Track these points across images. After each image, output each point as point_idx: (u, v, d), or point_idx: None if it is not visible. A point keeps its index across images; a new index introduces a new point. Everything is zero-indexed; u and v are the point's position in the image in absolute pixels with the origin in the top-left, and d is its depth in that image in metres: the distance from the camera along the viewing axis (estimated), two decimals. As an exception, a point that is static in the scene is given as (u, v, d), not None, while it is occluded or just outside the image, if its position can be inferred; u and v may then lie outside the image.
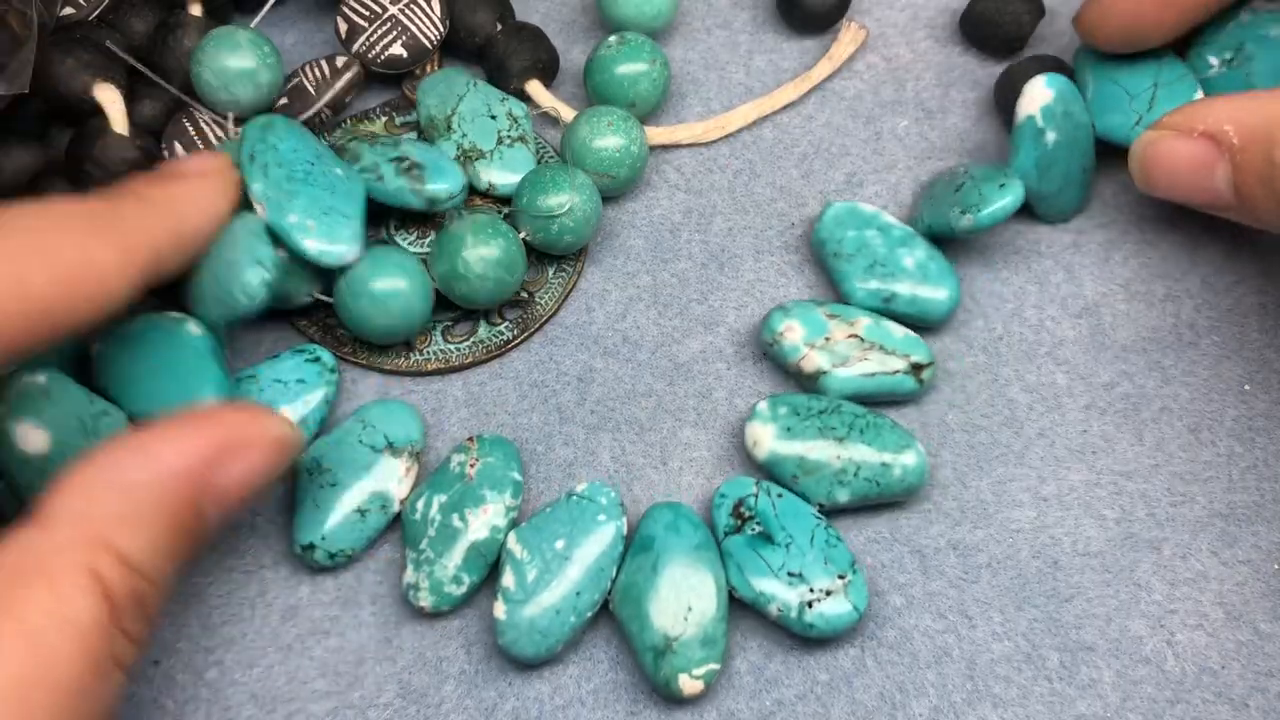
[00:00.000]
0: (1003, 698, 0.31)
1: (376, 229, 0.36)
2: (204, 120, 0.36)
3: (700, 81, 0.39)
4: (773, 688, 0.31)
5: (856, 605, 0.31)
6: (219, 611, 0.32)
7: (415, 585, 0.31)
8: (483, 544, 0.31)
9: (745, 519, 0.32)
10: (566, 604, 0.31)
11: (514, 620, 0.30)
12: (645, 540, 0.31)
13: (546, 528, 0.31)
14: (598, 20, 0.40)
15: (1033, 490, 0.33)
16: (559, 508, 0.32)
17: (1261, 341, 0.35)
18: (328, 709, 0.31)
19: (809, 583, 0.31)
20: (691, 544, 0.31)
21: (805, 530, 0.32)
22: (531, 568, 0.31)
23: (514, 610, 0.30)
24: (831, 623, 0.31)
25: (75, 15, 0.37)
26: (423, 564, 0.31)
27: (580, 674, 0.31)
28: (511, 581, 0.31)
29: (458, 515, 0.31)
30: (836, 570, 0.31)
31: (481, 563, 0.31)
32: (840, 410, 0.33)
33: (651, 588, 0.31)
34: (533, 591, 0.31)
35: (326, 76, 0.37)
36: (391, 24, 0.37)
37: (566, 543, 0.31)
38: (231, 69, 0.35)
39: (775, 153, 0.38)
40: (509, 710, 0.31)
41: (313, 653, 0.31)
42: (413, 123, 0.38)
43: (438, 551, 0.31)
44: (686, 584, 0.31)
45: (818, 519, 0.32)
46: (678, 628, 0.30)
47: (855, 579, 0.31)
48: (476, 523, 0.31)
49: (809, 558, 0.31)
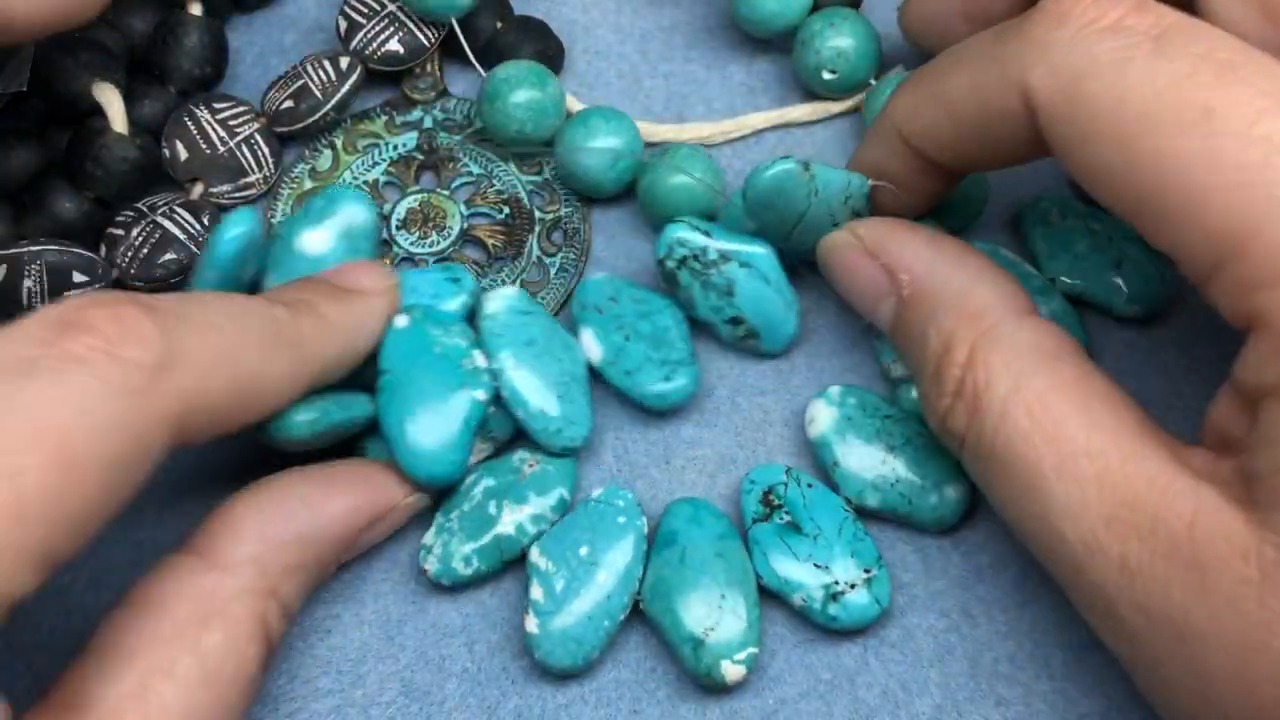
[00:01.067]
0: (1006, 696, 0.31)
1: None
2: (204, 119, 0.36)
3: (702, 82, 0.39)
4: (775, 686, 0.31)
5: (879, 600, 0.31)
6: (221, 610, 0.32)
7: (429, 549, 0.31)
8: (506, 540, 0.31)
9: (774, 507, 0.32)
10: (599, 609, 0.31)
11: (548, 632, 0.30)
12: (668, 536, 0.32)
13: (568, 536, 0.31)
14: (596, 19, 0.40)
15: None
16: (578, 514, 0.32)
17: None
18: (330, 707, 0.31)
19: (834, 574, 0.31)
20: (715, 534, 0.31)
21: (834, 523, 0.32)
22: (558, 578, 0.31)
23: (546, 622, 0.30)
24: (854, 615, 0.31)
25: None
26: (443, 532, 0.32)
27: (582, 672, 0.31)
28: (540, 594, 0.31)
29: (495, 503, 0.32)
30: (862, 565, 0.31)
31: (497, 556, 0.31)
32: (906, 422, 0.33)
33: (682, 581, 0.31)
34: (563, 601, 0.31)
35: (332, 79, 0.37)
36: (389, 20, 0.37)
37: (590, 549, 0.31)
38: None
39: (776, 155, 0.38)
40: (511, 708, 0.31)
41: (315, 650, 0.31)
42: (414, 122, 0.38)
43: (462, 527, 0.31)
44: (716, 573, 0.31)
45: (846, 512, 0.32)
46: (713, 616, 0.30)
47: (880, 574, 0.31)
48: (509, 518, 0.31)
49: (836, 550, 0.31)
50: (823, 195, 0.32)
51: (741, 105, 0.39)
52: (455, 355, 0.32)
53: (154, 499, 0.33)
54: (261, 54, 0.39)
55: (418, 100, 0.38)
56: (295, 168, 0.37)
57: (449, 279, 0.33)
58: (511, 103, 0.36)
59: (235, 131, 0.36)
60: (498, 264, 0.36)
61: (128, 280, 0.35)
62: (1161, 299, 0.34)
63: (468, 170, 0.37)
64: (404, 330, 0.32)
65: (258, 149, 0.36)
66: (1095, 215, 0.35)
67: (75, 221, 0.35)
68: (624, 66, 0.39)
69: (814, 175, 0.32)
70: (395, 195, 0.37)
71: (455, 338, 0.32)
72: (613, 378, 0.33)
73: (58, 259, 0.34)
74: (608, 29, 0.40)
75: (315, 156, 0.37)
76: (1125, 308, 0.34)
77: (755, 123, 0.38)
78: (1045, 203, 0.36)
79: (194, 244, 0.35)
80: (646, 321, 0.34)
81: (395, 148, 0.37)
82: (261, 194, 0.37)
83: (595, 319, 0.34)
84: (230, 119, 0.36)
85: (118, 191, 0.35)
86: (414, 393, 0.31)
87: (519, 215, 0.37)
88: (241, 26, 0.39)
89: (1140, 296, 0.34)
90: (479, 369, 0.32)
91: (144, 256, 0.35)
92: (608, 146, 0.35)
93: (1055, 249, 0.35)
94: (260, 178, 0.36)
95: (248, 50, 0.39)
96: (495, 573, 0.32)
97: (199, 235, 0.35)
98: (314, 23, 0.40)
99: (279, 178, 0.37)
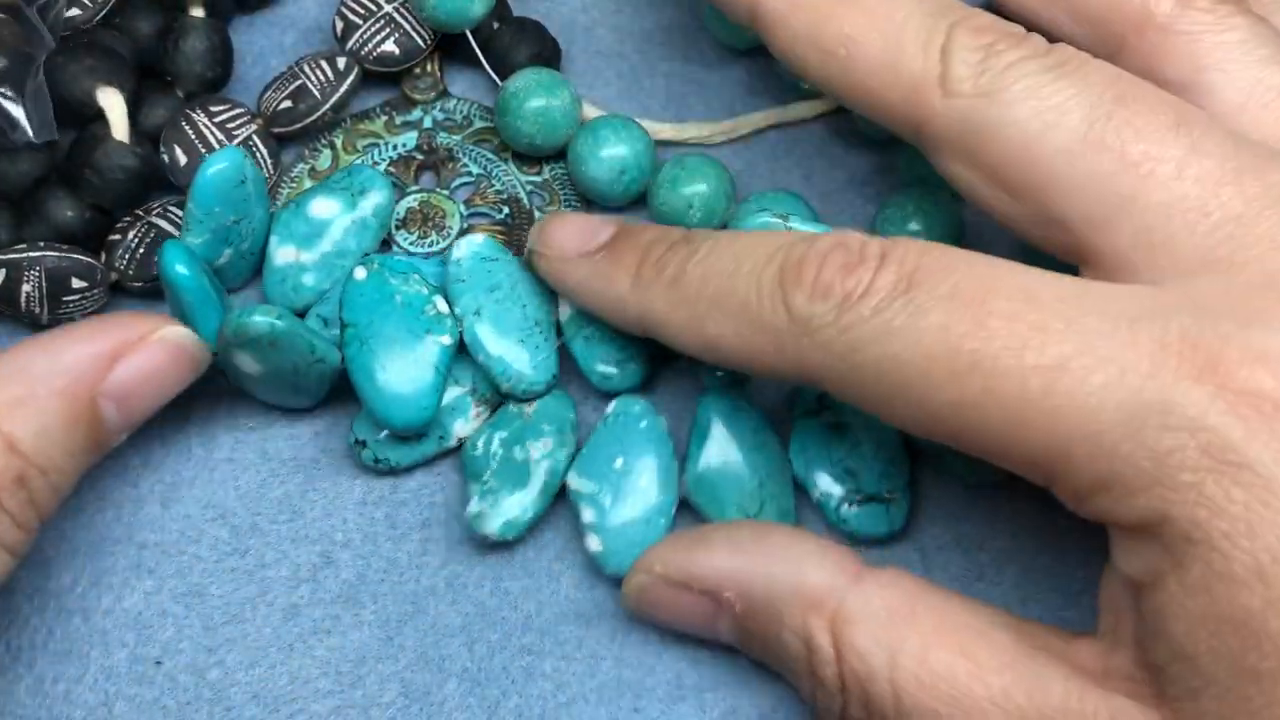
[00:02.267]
0: (1006, 695, 0.31)
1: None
2: (202, 123, 0.36)
3: (702, 82, 0.39)
4: (775, 682, 0.31)
5: (893, 524, 0.32)
6: (220, 611, 0.32)
7: (480, 515, 0.32)
8: (548, 474, 0.32)
9: (825, 406, 0.33)
10: (651, 512, 0.32)
11: (611, 547, 0.32)
12: (707, 426, 0.33)
13: (599, 455, 0.32)
14: (596, 18, 0.40)
15: (1034, 488, 0.33)
16: (600, 433, 0.33)
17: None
18: (330, 708, 0.31)
19: (858, 483, 0.32)
20: (753, 425, 0.33)
21: (878, 440, 0.32)
22: (604, 495, 0.32)
23: (607, 538, 0.32)
24: (864, 526, 0.32)
25: (82, 16, 0.37)
26: (487, 494, 0.32)
27: (584, 671, 0.31)
28: (591, 515, 0.32)
29: (519, 447, 0.32)
30: (888, 485, 0.32)
31: (546, 491, 0.32)
32: None
33: (723, 470, 0.32)
34: (615, 515, 0.32)
35: (330, 79, 0.37)
36: (385, 21, 0.37)
37: (624, 459, 0.32)
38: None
39: (776, 153, 0.38)
40: (512, 707, 0.31)
41: (314, 652, 0.32)
42: (413, 122, 0.38)
43: (502, 481, 0.32)
44: (756, 463, 0.32)
45: (896, 435, 0.33)
46: (755, 504, 0.32)
47: (901, 502, 0.32)
48: (538, 454, 0.32)
49: (868, 464, 0.32)
50: None
51: (741, 105, 0.39)
52: (417, 302, 0.33)
53: (155, 499, 0.33)
54: (262, 54, 0.39)
55: (417, 100, 0.38)
56: (295, 168, 0.37)
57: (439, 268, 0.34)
58: (523, 113, 0.36)
59: (233, 134, 0.36)
60: (497, 264, 0.36)
61: (127, 283, 0.35)
62: None
63: (467, 170, 0.37)
64: (363, 282, 0.33)
65: (256, 150, 0.36)
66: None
67: (76, 228, 0.35)
68: (624, 66, 0.39)
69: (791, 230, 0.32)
70: (395, 195, 0.37)
71: (415, 285, 0.33)
72: (570, 337, 0.33)
73: (56, 264, 0.34)
74: (608, 29, 0.40)
75: (315, 156, 0.37)
76: None
77: (755, 122, 0.38)
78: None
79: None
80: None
81: (395, 148, 0.37)
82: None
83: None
84: (228, 121, 0.36)
85: (116, 200, 0.35)
86: (380, 342, 0.32)
87: (519, 215, 0.37)
88: (242, 27, 0.39)
89: None
90: (441, 314, 0.33)
91: (140, 257, 0.35)
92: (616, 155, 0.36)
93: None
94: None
95: (248, 50, 0.39)
96: (549, 510, 0.33)
97: None
98: (314, 23, 0.40)
99: (278, 178, 0.37)
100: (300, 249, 0.35)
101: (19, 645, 0.32)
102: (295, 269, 0.35)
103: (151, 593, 0.32)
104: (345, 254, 0.35)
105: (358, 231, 0.35)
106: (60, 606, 0.32)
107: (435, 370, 0.32)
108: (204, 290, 0.32)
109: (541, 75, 0.36)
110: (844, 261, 0.27)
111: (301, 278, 0.35)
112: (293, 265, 0.35)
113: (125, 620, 0.32)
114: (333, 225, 0.35)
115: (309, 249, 0.35)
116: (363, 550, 0.33)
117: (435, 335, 0.33)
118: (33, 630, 0.32)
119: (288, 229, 0.35)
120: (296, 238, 0.35)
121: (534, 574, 0.33)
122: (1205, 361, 0.24)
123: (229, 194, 0.33)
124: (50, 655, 0.32)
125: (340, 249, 0.35)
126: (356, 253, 0.35)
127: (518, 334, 0.33)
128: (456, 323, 0.33)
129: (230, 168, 0.33)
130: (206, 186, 0.33)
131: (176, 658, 0.31)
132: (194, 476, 0.33)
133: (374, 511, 0.33)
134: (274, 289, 0.35)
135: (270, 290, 0.35)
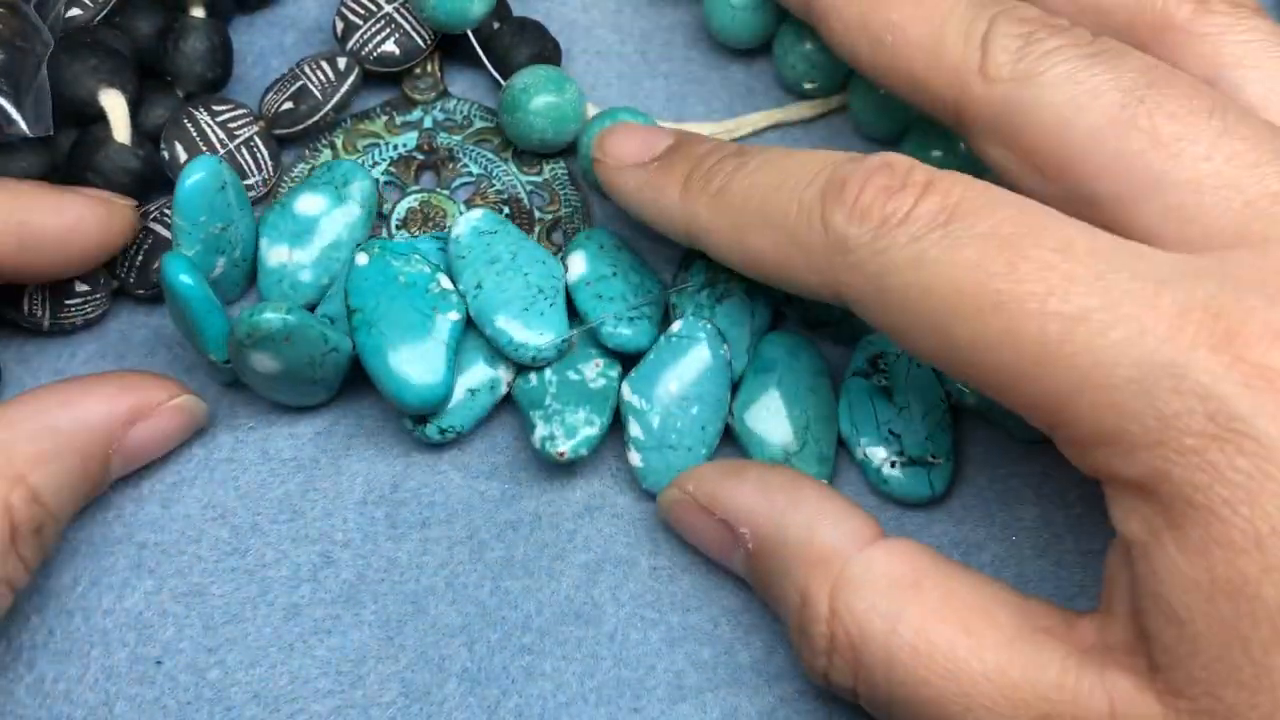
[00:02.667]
0: (1006, 694, 0.31)
1: (376, 227, 0.36)
2: (204, 122, 0.36)
3: (702, 81, 0.39)
4: (775, 684, 0.31)
5: (934, 486, 0.32)
6: (221, 611, 0.32)
7: (550, 436, 0.32)
8: (603, 390, 0.33)
9: (877, 370, 0.33)
10: (695, 439, 0.33)
11: (652, 465, 0.33)
12: (768, 363, 0.33)
13: (655, 374, 0.33)
14: (596, 18, 0.40)
15: (1035, 488, 0.33)
16: (661, 350, 0.33)
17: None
18: (331, 708, 0.31)
19: (902, 446, 0.32)
20: (812, 369, 0.33)
21: (925, 405, 0.33)
22: (654, 414, 0.32)
23: (650, 456, 0.33)
24: (905, 488, 0.32)
25: (82, 16, 0.37)
26: (553, 416, 0.32)
27: (584, 671, 0.31)
28: (639, 430, 0.33)
29: (572, 371, 0.33)
30: (932, 449, 0.32)
31: (606, 406, 0.33)
32: None
33: (774, 404, 0.33)
34: (662, 436, 0.32)
35: (331, 79, 0.37)
36: (385, 21, 0.37)
37: (679, 383, 0.33)
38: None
39: (777, 151, 0.38)
40: (512, 707, 0.31)
41: (315, 652, 0.32)
42: (414, 122, 0.38)
43: (564, 402, 0.33)
44: (807, 405, 0.33)
45: (942, 402, 0.33)
46: (798, 441, 0.33)
47: (944, 466, 0.32)
48: (591, 374, 0.33)
49: (914, 427, 0.33)
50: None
51: (741, 105, 0.39)
52: (421, 282, 0.33)
53: (156, 499, 0.33)
54: (262, 54, 0.39)
55: (418, 100, 0.38)
56: (295, 167, 0.37)
57: (442, 249, 0.35)
58: (532, 109, 0.36)
59: (235, 134, 0.36)
60: (498, 264, 0.36)
61: (129, 290, 0.35)
62: None
63: (468, 170, 0.37)
64: (366, 267, 0.33)
65: (257, 151, 0.36)
66: None
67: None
68: (624, 66, 0.39)
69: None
70: (395, 195, 0.37)
71: (417, 265, 0.33)
72: (582, 299, 0.33)
73: None
74: (608, 29, 0.40)
75: (315, 156, 0.37)
76: None
77: (755, 122, 0.38)
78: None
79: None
80: (636, 274, 0.34)
81: (395, 148, 0.38)
82: (261, 195, 0.37)
83: (593, 249, 0.34)
84: (229, 121, 0.36)
85: (118, 202, 0.35)
86: (389, 325, 0.32)
87: (519, 215, 0.37)
88: (242, 27, 0.39)
89: None
90: (446, 290, 0.33)
91: (140, 265, 0.35)
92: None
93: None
94: (260, 179, 0.36)
95: (248, 50, 0.39)
96: (612, 423, 0.33)
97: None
98: (314, 23, 0.40)
99: (279, 177, 0.37)
100: (293, 248, 0.35)
101: (19, 645, 0.32)
102: (291, 268, 0.35)
103: (152, 592, 0.32)
104: (340, 246, 0.35)
105: (348, 222, 0.35)
106: (61, 606, 0.32)
107: (446, 347, 0.32)
108: (208, 299, 0.32)
109: (548, 71, 0.37)
110: (886, 184, 0.27)
111: (298, 275, 0.35)
112: (287, 265, 0.35)
113: (126, 620, 0.32)
114: (322, 220, 0.35)
115: (302, 247, 0.35)
116: (363, 550, 0.33)
117: (442, 312, 0.33)
118: (33, 630, 0.32)
119: (276, 230, 0.35)
120: (287, 237, 0.35)
121: (534, 574, 0.33)
122: (1225, 332, 0.24)
123: (211, 201, 0.33)
124: (51, 655, 0.32)
125: (335, 242, 0.35)
126: (350, 244, 0.35)
127: (521, 303, 0.33)
128: (462, 299, 0.33)
129: (208, 176, 0.33)
130: (188, 196, 0.33)
131: (177, 657, 0.32)
132: (194, 476, 0.33)
133: (374, 511, 0.33)
134: (271, 290, 0.35)
135: (267, 292, 0.35)
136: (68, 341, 0.35)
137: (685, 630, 0.32)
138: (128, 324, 0.35)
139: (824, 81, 0.38)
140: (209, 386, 0.34)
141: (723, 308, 0.34)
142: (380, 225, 0.36)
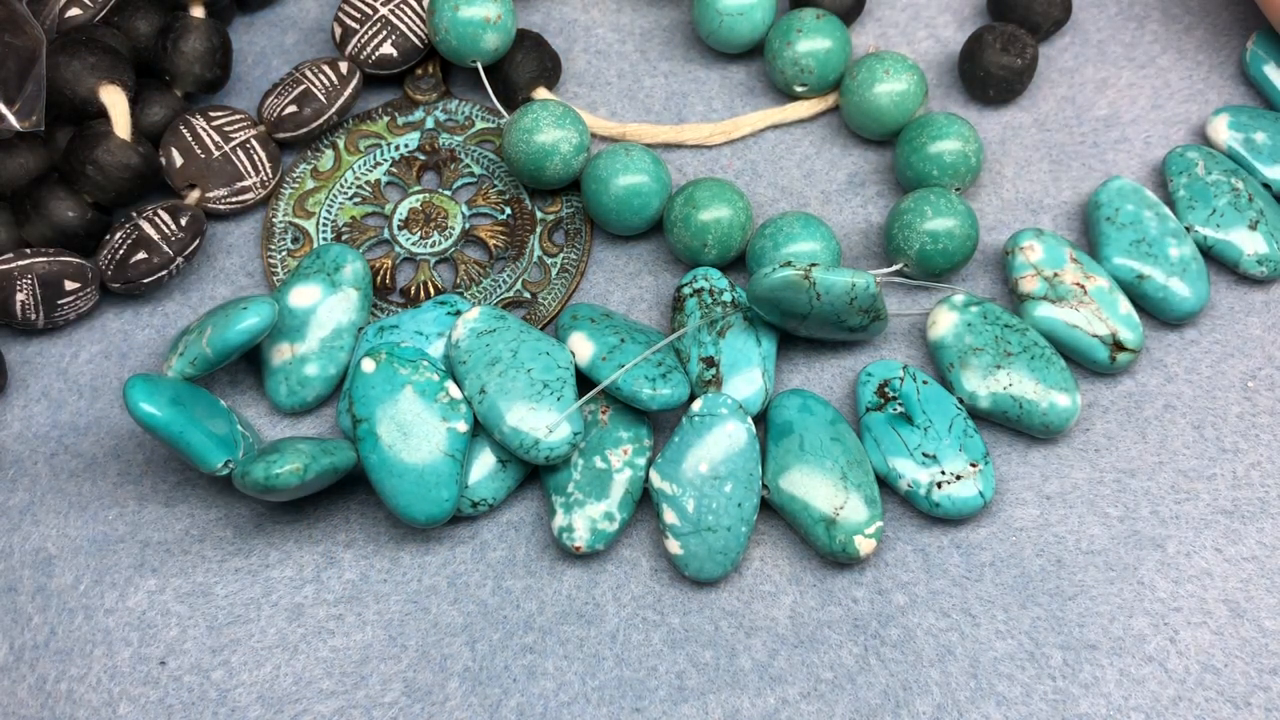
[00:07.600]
0: (1006, 696, 0.31)
1: (376, 228, 0.36)
2: (200, 126, 0.36)
3: (702, 81, 0.39)
4: (776, 685, 0.31)
5: (984, 493, 0.32)
6: (224, 612, 0.32)
7: (569, 528, 0.32)
8: (628, 481, 0.32)
9: (888, 399, 0.33)
10: (734, 517, 0.32)
11: (692, 551, 0.32)
12: (784, 426, 0.33)
13: (682, 456, 0.32)
14: (596, 18, 0.40)
15: (1035, 488, 0.33)
16: (684, 432, 0.32)
17: (1265, 339, 0.35)
18: (334, 708, 0.31)
19: (941, 465, 0.32)
20: (827, 420, 0.33)
21: (945, 417, 0.33)
22: (687, 498, 0.32)
23: (689, 542, 0.32)
24: (958, 505, 0.32)
25: (82, 16, 0.37)
26: (573, 507, 0.32)
27: (585, 670, 0.32)
28: (674, 517, 0.32)
29: (599, 458, 0.33)
30: (969, 458, 0.32)
31: (630, 500, 0.32)
32: (1025, 333, 0.34)
33: (806, 466, 0.32)
34: (698, 520, 0.32)
35: (334, 82, 0.37)
36: (381, 24, 0.37)
37: (708, 462, 0.32)
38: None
39: (776, 153, 0.38)
40: (513, 706, 0.31)
41: (318, 652, 0.32)
42: (415, 123, 0.38)
43: (586, 493, 0.32)
44: (836, 455, 0.32)
45: (958, 409, 0.33)
46: (840, 496, 0.32)
47: (986, 469, 0.32)
48: (618, 462, 0.32)
49: (945, 442, 0.33)
50: (826, 299, 0.32)
51: (741, 105, 0.39)
52: (430, 391, 0.32)
53: (157, 500, 0.33)
54: (262, 54, 0.39)
55: (420, 101, 0.38)
56: (297, 168, 0.37)
57: (448, 313, 0.34)
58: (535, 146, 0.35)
59: (231, 137, 0.36)
60: (499, 264, 0.36)
61: (108, 283, 0.35)
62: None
63: (469, 170, 0.37)
64: (373, 374, 0.32)
65: (254, 153, 0.36)
66: (1238, 173, 0.36)
67: (76, 228, 0.35)
68: (624, 66, 0.40)
69: (815, 282, 0.32)
70: (397, 195, 0.37)
71: (426, 373, 0.32)
72: (604, 373, 0.33)
73: (47, 269, 0.34)
74: (608, 29, 0.40)
75: (317, 157, 0.37)
76: (1253, 267, 0.35)
77: (755, 122, 0.38)
78: (1192, 152, 0.37)
79: (167, 245, 0.35)
80: (640, 333, 0.34)
81: (397, 148, 0.38)
82: (260, 199, 0.37)
83: (587, 326, 0.34)
84: (226, 125, 0.36)
85: (116, 197, 0.35)
86: (396, 439, 0.32)
87: (520, 215, 0.37)
88: (242, 28, 0.39)
89: (1269, 259, 0.35)
90: (454, 400, 0.32)
91: (120, 259, 0.35)
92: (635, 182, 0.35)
93: (1196, 199, 0.36)
94: (257, 182, 0.36)
95: (249, 50, 0.39)
96: (634, 517, 0.33)
97: (172, 237, 0.35)
98: (314, 23, 0.40)
99: (280, 178, 0.37)
100: (293, 343, 0.34)
101: (22, 644, 0.32)
102: (295, 363, 0.34)
103: (155, 592, 0.32)
104: (341, 333, 0.34)
105: (346, 308, 0.34)
106: (63, 605, 0.32)
107: (453, 460, 0.32)
108: (181, 420, 0.31)
109: (550, 107, 0.36)
110: None
111: (303, 370, 0.34)
112: (290, 361, 0.34)
113: (129, 620, 0.32)
114: (319, 310, 0.34)
115: (302, 340, 0.34)
116: (365, 550, 0.33)
117: (450, 422, 0.32)
118: (35, 629, 0.32)
119: (275, 328, 0.34)
120: (287, 333, 0.34)
121: (535, 574, 0.33)
122: None
123: (250, 344, 0.32)
124: (53, 655, 0.32)
125: (335, 330, 0.34)
126: (350, 329, 0.34)
127: (527, 404, 0.32)
128: (469, 406, 0.32)
129: (261, 322, 0.32)
130: (236, 343, 0.32)
131: (181, 658, 0.32)
132: (197, 475, 0.34)
133: (376, 511, 0.33)
134: (277, 391, 0.34)
135: (275, 394, 0.34)
136: (70, 341, 0.35)
137: (687, 631, 0.32)
138: (130, 323, 0.35)
139: (814, 84, 0.38)
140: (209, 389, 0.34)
141: (726, 341, 0.34)
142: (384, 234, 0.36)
